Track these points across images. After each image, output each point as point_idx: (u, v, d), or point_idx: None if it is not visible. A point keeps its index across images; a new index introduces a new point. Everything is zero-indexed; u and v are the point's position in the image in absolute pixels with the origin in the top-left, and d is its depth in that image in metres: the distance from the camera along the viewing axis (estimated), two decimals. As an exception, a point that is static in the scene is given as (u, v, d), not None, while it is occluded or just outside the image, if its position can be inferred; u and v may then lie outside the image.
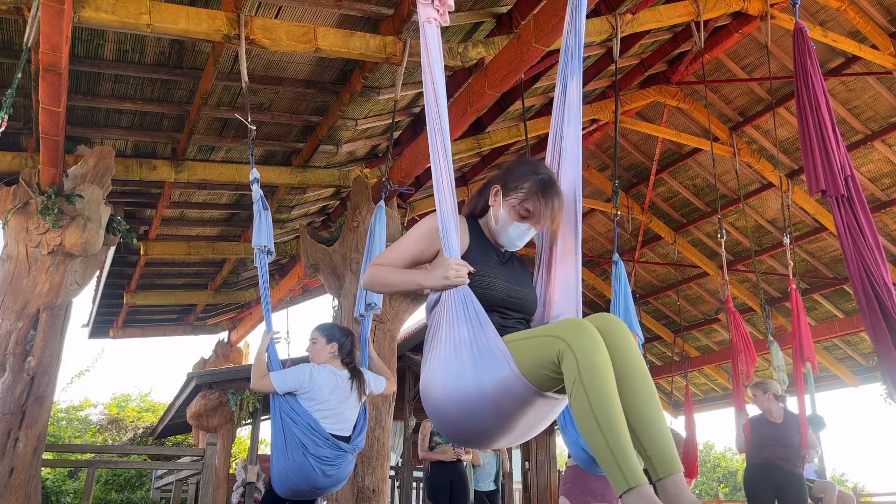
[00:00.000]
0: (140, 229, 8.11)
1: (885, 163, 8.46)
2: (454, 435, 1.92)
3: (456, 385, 1.80)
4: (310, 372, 3.61)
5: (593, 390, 1.63)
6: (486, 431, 1.83)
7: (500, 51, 5.07)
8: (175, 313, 11.57)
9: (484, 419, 1.80)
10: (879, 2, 7.01)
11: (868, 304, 2.32)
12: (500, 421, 1.79)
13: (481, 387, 1.76)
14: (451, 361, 1.82)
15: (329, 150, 6.74)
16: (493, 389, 1.75)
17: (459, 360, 1.80)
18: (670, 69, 8.11)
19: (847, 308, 10.28)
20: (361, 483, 5.89)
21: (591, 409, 1.61)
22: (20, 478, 5.07)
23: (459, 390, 1.79)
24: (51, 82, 4.38)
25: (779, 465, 5.21)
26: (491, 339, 1.78)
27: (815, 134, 2.52)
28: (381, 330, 6.38)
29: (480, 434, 1.85)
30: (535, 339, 1.77)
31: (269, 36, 4.62)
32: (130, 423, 16.81)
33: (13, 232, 5.53)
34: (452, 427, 1.88)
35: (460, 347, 1.81)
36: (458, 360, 1.81)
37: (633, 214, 10.15)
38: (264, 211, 3.99)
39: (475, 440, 1.92)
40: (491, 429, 1.82)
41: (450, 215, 1.97)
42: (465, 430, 1.87)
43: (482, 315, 1.82)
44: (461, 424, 1.85)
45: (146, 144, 6.46)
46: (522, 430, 1.88)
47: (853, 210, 2.42)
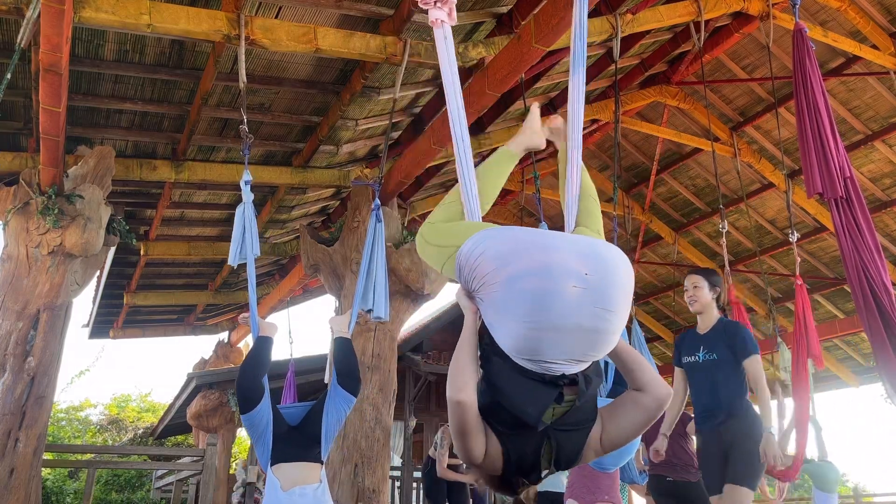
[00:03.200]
0: (140, 229, 8.11)
1: (885, 163, 8.45)
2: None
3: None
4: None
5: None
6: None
7: (501, 51, 5.07)
8: (175, 313, 11.57)
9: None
10: (879, 2, 7.00)
11: (866, 305, 2.32)
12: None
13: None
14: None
15: (329, 150, 6.73)
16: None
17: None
18: (670, 69, 8.11)
19: (847, 308, 10.28)
20: (361, 483, 5.90)
21: None
22: (20, 478, 5.08)
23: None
24: (51, 82, 4.38)
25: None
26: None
27: (813, 136, 2.53)
28: (381, 330, 6.38)
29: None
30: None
31: (269, 36, 4.62)
32: (130, 424, 16.83)
33: (13, 232, 5.53)
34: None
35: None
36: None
37: (633, 214, 10.15)
38: (254, 217, 3.97)
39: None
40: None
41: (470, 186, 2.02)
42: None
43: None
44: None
45: (146, 144, 6.46)
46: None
47: (852, 212, 2.42)
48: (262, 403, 3.56)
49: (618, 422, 1.81)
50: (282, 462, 3.59)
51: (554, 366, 1.67)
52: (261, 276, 10.24)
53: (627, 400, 1.84)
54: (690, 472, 5.42)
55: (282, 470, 3.58)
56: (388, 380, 6.36)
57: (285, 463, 3.59)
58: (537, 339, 1.64)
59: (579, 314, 1.63)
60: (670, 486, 5.46)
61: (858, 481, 21.28)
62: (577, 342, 1.66)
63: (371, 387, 6.20)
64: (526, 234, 1.75)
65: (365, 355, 6.27)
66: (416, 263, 6.47)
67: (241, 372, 3.66)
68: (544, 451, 1.72)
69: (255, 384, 3.57)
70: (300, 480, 3.54)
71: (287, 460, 3.59)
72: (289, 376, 7.73)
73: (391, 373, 6.43)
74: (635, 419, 1.80)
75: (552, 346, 1.64)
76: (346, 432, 6.04)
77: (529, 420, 1.67)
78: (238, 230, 3.96)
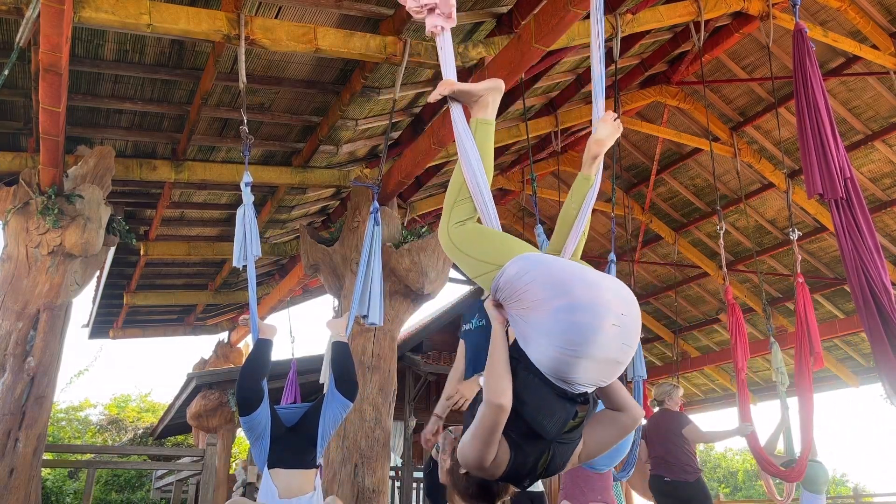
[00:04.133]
0: (140, 229, 8.11)
1: (885, 163, 8.45)
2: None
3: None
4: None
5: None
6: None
7: (501, 51, 5.07)
8: (175, 313, 11.57)
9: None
10: (880, 2, 7.00)
11: (866, 305, 2.32)
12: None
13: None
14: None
15: (329, 150, 6.73)
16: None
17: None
18: (670, 69, 8.11)
19: (847, 308, 10.27)
20: (361, 483, 5.90)
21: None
22: (20, 478, 5.08)
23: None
24: (51, 82, 4.38)
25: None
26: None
27: (813, 136, 2.53)
28: (381, 330, 6.38)
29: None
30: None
31: (269, 36, 4.62)
32: (130, 424, 16.83)
33: (13, 232, 5.53)
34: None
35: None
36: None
37: (633, 214, 10.15)
38: (254, 218, 3.98)
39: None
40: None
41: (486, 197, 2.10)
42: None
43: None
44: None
45: (146, 144, 6.46)
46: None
47: (852, 212, 2.42)
48: (261, 407, 3.57)
49: (596, 437, 2.04)
50: (279, 467, 3.60)
51: (579, 386, 1.86)
52: (261, 276, 10.24)
53: (605, 418, 2.08)
54: (687, 471, 5.45)
55: (279, 476, 3.59)
56: (388, 380, 6.36)
57: (282, 469, 3.60)
58: (573, 364, 1.81)
59: (611, 349, 1.82)
60: (668, 485, 5.50)
61: (858, 481, 21.30)
62: (603, 371, 1.86)
63: (371, 387, 6.19)
64: (575, 268, 1.92)
65: (365, 355, 6.27)
66: (416, 263, 6.47)
67: (242, 375, 3.67)
68: (542, 459, 1.90)
69: (255, 387, 3.58)
70: (297, 490, 3.56)
71: (284, 466, 3.61)
72: (291, 376, 7.70)
73: (391, 373, 6.43)
74: (611, 435, 2.06)
75: (583, 372, 1.83)
76: (346, 432, 6.04)
77: (547, 433, 1.86)
78: (240, 232, 3.97)
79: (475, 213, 2.10)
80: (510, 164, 9.23)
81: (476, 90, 2.19)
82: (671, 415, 5.75)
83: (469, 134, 2.15)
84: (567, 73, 7.28)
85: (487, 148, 2.16)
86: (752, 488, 20.28)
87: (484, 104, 2.18)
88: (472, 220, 2.09)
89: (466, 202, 2.10)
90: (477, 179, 2.08)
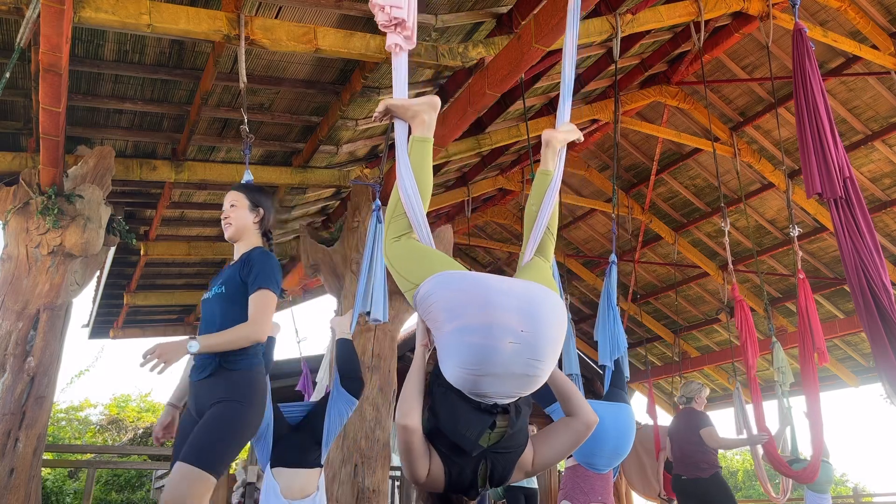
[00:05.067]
0: (140, 229, 8.11)
1: (885, 163, 8.45)
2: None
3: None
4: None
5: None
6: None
7: (501, 51, 5.07)
8: (175, 313, 11.57)
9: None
10: (879, 2, 7.00)
11: (866, 305, 2.32)
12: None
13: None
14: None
15: (329, 150, 6.74)
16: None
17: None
18: (670, 69, 8.11)
19: (847, 308, 10.28)
20: (361, 483, 5.90)
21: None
22: (20, 478, 5.08)
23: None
24: (51, 83, 4.38)
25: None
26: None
27: (812, 136, 2.53)
28: (381, 330, 6.39)
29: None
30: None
31: (269, 36, 4.62)
32: (130, 424, 16.82)
33: (13, 232, 5.53)
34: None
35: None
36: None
37: (633, 214, 10.15)
38: None
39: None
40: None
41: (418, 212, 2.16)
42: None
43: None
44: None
45: (146, 144, 6.46)
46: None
47: (852, 212, 2.42)
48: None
49: (550, 444, 2.07)
50: (281, 466, 3.59)
51: (489, 399, 1.91)
52: (261, 276, 10.22)
53: (559, 425, 2.12)
54: (702, 468, 5.48)
55: (282, 475, 3.57)
56: (388, 380, 6.36)
57: (285, 468, 3.58)
58: (476, 381, 1.88)
59: (514, 364, 1.87)
60: (685, 483, 5.55)
61: (858, 481, 21.28)
62: (511, 385, 1.91)
63: (371, 387, 6.20)
64: (474, 288, 1.95)
65: (365, 355, 6.27)
66: (415, 263, 6.47)
67: None
68: (480, 470, 1.93)
69: None
70: (298, 491, 3.54)
71: (286, 465, 3.59)
72: (305, 373, 7.66)
73: (391, 373, 6.43)
74: (565, 441, 2.08)
75: (489, 386, 1.89)
76: (346, 432, 6.04)
77: (466, 446, 1.89)
78: None
79: (411, 229, 2.14)
80: (510, 165, 9.23)
81: (410, 105, 2.23)
82: (694, 414, 5.76)
83: (405, 151, 2.19)
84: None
85: (424, 165, 2.18)
86: (751, 488, 20.27)
87: (420, 122, 2.21)
88: (407, 236, 2.13)
89: (402, 218, 2.14)
90: (409, 197, 2.11)
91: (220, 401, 2.56)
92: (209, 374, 2.63)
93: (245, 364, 2.63)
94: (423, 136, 2.21)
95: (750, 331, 5.78)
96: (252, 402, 2.61)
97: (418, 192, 2.12)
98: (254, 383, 2.65)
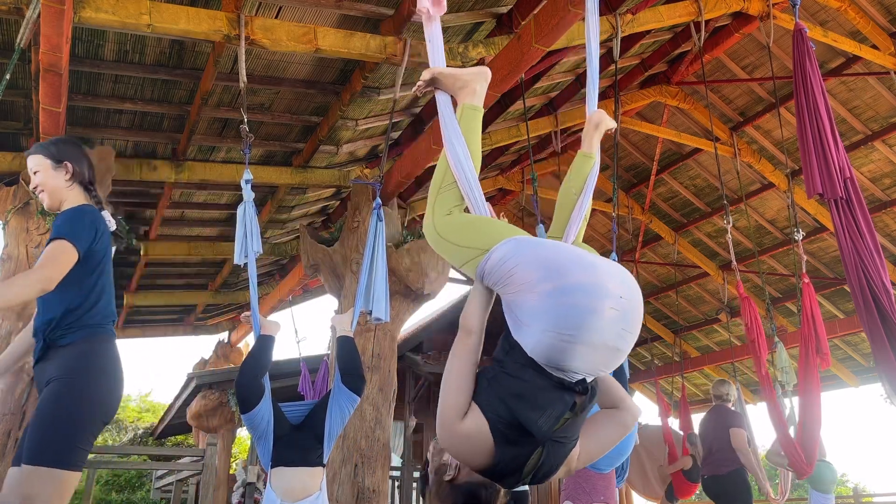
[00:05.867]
0: (140, 230, 8.11)
1: (885, 163, 8.45)
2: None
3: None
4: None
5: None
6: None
7: (501, 51, 5.07)
8: (175, 314, 11.58)
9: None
10: (879, 2, 7.00)
11: (866, 306, 2.32)
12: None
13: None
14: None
15: (329, 150, 6.74)
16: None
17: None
18: (670, 69, 8.11)
19: (847, 308, 10.28)
20: (361, 483, 5.90)
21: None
22: (20, 478, 5.08)
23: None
24: (51, 83, 4.38)
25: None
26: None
27: (813, 136, 2.53)
28: (381, 330, 6.39)
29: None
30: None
31: (269, 36, 4.62)
32: (130, 424, 16.84)
33: (13, 232, 5.53)
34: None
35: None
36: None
37: (633, 214, 10.15)
38: (255, 215, 3.98)
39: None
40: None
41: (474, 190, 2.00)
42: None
43: None
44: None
45: (146, 145, 6.46)
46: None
47: (852, 212, 2.42)
48: (262, 403, 3.55)
49: (595, 437, 1.92)
50: (282, 466, 3.58)
51: (575, 374, 1.73)
52: (261, 277, 10.24)
53: (603, 417, 1.96)
54: (723, 464, 5.47)
55: (282, 476, 3.57)
56: (388, 380, 6.36)
57: (286, 467, 3.58)
58: (567, 350, 1.68)
59: (609, 333, 1.70)
60: (707, 481, 5.53)
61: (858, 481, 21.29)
62: (601, 358, 1.73)
63: (371, 387, 6.20)
64: (569, 249, 1.81)
65: (365, 355, 6.27)
66: (416, 263, 6.47)
67: (241, 371, 3.66)
68: (533, 458, 1.73)
69: (254, 384, 3.56)
70: (300, 491, 3.53)
71: (288, 464, 3.58)
72: (304, 374, 7.66)
73: (391, 373, 6.43)
74: (612, 434, 1.95)
75: (578, 358, 1.70)
76: (346, 432, 6.04)
77: (538, 430, 1.69)
78: (241, 229, 3.97)
79: (461, 200, 1.99)
80: (510, 164, 9.23)
81: (460, 74, 2.09)
82: (727, 411, 5.75)
83: (453, 118, 2.04)
84: (567, 73, 7.29)
85: (475, 135, 2.05)
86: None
87: (470, 91, 2.08)
88: (458, 209, 1.98)
89: (451, 188, 1.98)
90: (462, 165, 1.97)
91: (48, 383, 2.27)
92: (39, 356, 2.36)
93: (73, 337, 2.33)
94: (474, 104, 2.07)
95: (759, 328, 5.67)
96: (83, 374, 2.27)
97: (471, 158, 1.99)
98: (86, 354, 2.32)
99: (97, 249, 2.47)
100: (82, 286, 2.42)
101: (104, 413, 2.32)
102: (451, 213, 1.97)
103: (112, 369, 2.38)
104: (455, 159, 1.97)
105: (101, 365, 2.33)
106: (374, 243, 4.52)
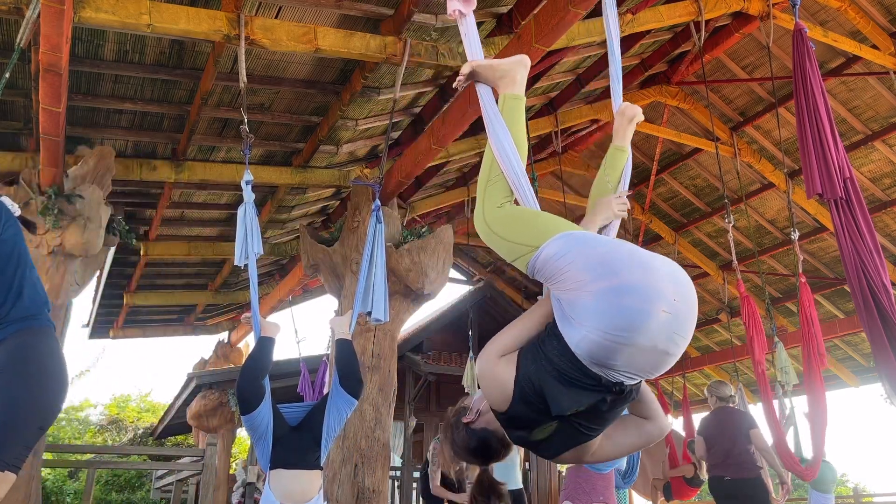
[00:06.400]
0: (140, 229, 8.11)
1: (885, 163, 8.45)
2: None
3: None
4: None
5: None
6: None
7: (501, 51, 5.08)
8: (175, 314, 11.57)
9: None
10: (880, 2, 7.00)
11: (866, 306, 2.32)
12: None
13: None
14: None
15: (329, 150, 6.74)
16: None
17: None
18: (671, 69, 8.12)
19: (847, 308, 10.28)
20: (361, 483, 5.90)
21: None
22: (20, 478, 5.06)
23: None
24: (51, 82, 4.38)
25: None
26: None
27: (812, 137, 2.53)
28: (381, 330, 6.39)
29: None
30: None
31: (269, 36, 4.62)
32: (130, 424, 16.84)
33: (13, 232, 5.52)
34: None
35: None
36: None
37: (633, 214, 10.15)
38: (256, 217, 3.98)
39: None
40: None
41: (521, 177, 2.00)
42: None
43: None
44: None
45: (146, 144, 6.46)
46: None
47: (852, 212, 2.42)
48: (262, 405, 3.55)
49: (616, 439, 1.90)
50: (281, 468, 3.58)
51: (617, 375, 1.71)
52: (261, 277, 10.24)
53: (630, 423, 1.93)
54: (748, 468, 5.37)
55: (281, 479, 3.56)
56: (388, 380, 6.36)
57: (284, 469, 3.58)
58: (614, 350, 1.66)
59: (659, 336, 1.67)
60: (729, 484, 5.41)
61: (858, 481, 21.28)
62: (648, 361, 1.70)
63: (371, 387, 6.20)
64: (624, 247, 1.78)
65: (365, 355, 6.27)
66: (416, 263, 6.47)
67: (242, 373, 3.66)
68: (544, 428, 1.76)
69: (255, 386, 3.56)
70: (299, 497, 3.53)
71: (286, 466, 3.58)
72: (304, 374, 7.66)
73: (391, 373, 6.43)
74: (634, 441, 1.92)
75: (625, 359, 1.68)
76: (346, 432, 6.04)
77: (555, 409, 1.71)
78: (241, 230, 3.97)
79: (511, 193, 1.97)
80: (510, 164, 9.22)
81: (499, 65, 2.07)
82: (738, 413, 5.61)
83: (496, 111, 2.03)
84: (567, 73, 7.29)
85: (519, 124, 2.02)
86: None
87: (511, 80, 2.05)
88: (509, 202, 1.97)
89: (499, 181, 1.97)
90: (508, 156, 1.95)
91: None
92: None
93: (6, 332, 2.11)
94: (515, 93, 2.04)
95: (757, 326, 5.65)
96: (16, 368, 2.06)
97: (516, 150, 1.97)
98: (19, 348, 2.10)
99: (6, 238, 2.28)
100: (1, 281, 2.20)
101: (42, 407, 2.10)
102: (503, 206, 1.95)
103: (46, 361, 2.15)
104: (501, 151, 1.96)
105: (33, 357, 2.12)
106: (373, 245, 4.52)
